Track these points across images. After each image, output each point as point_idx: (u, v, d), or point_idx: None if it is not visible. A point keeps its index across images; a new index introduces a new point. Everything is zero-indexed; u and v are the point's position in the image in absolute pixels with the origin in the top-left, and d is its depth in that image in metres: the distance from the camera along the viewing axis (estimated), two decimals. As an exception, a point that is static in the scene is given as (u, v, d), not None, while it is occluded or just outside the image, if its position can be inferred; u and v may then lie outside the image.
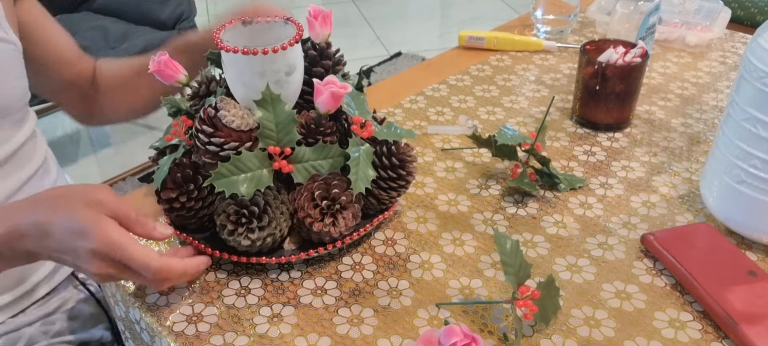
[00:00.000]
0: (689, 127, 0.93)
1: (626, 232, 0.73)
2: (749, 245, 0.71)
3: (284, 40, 0.65)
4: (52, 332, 0.88)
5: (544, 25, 1.20)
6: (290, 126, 0.64)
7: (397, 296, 0.65)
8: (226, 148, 0.63)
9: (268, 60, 0.64)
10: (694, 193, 0.80)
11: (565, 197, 0.79)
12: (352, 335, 0.61)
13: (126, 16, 2.13)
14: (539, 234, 0.73)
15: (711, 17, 1.18)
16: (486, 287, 0.66)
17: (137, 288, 0.67)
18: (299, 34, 0.66)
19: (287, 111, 0.65)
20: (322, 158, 0.67)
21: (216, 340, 0.61)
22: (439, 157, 0.87)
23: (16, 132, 0.83)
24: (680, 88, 1.04)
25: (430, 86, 1.05)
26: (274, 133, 0.64)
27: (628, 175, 0.83)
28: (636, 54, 0.89)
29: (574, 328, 0.62)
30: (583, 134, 0.92)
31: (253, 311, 0.63)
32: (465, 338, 0.54)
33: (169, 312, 0.64)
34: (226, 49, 0.63)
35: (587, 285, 0.66)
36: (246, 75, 0.65)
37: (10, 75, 0.81)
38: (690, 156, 0.87)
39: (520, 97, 1.02)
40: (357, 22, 3.42)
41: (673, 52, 1.16)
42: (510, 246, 0.59)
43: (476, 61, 1.13)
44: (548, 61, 1.14)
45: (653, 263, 0.69)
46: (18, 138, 0.83)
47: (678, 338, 0.60)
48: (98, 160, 2.34)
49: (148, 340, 0.66)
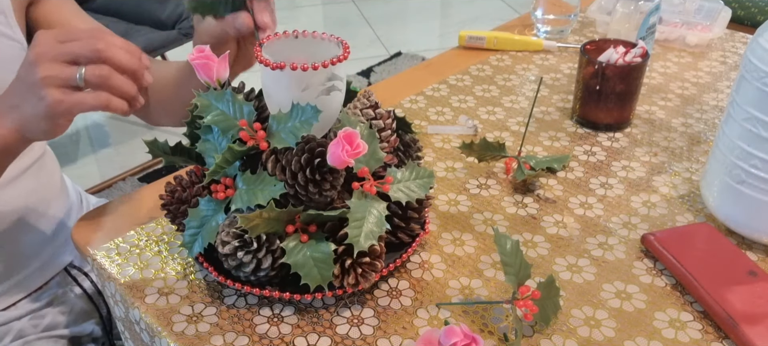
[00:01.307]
0: (689, 127, 0.93)
1: (626, 232, 0.73)
2: (749, 245, 0.71)
3: (327, 57, 0.61)
4: (43, 325, 0.88)
5: (544, 25, 1.20)
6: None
7: (397, 296, 0.65)
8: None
9: (310, 76, 0.60)
10: (694, 193, 0.80)
11: (565, 197, 0.79)
12: (352, 335, 0.61)
13: (126, 16, 2.13)
14: (539, 234, 0.73)
15: (711, 17, 1.18)
16: (486, 287, 0.66)
17: (137, 286, 0.67)
18: (346, 52, 0.63)
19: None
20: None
21: (216, 340, 0.61)
22: (439, 157, 0.86)
23: None
24: (680, 88, 1.04)
25: (430, 86, 1.05)
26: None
27: (629, 175, 0.83)
28: (636, 54, 0.89)
29: (575, 328, 0.61)
30: (584, 134, 0.92)
31: (253, 311, 0.63)
32: (465, 338, 0.54)
33: (169, 312, 0.64)
34: (271, 66, 0.60)
35: (587, 285, 0.66)
36: (293, 90, 0.61)
37: (14, 71, 0.80)
38: (690, 156, 0.87)
39: (520, 97, 1.02)
40: (357, 22, 3.43)
41: (674, 52, 1.16)
42: (510, 246, 0.59)
43: (476, 61, 1.13)
44: (548, 61, 1.14)
45: (653, 263, 0.69)
46: None
47: (678, 339, 0.60)
48: (98, 160, 2.34)
49: (148, 340, 0.65)
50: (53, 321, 0.89)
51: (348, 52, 0.63)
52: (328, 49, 0.65)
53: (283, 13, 3.57)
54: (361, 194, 0.61)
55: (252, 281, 0.63)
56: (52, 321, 0.89)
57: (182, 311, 0.64)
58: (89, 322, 0.93)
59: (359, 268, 0.61)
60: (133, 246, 0.72)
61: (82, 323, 0.92)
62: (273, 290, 0.62)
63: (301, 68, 0.60)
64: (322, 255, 0.60)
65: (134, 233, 0.74)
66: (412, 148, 0.72)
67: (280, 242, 0.61)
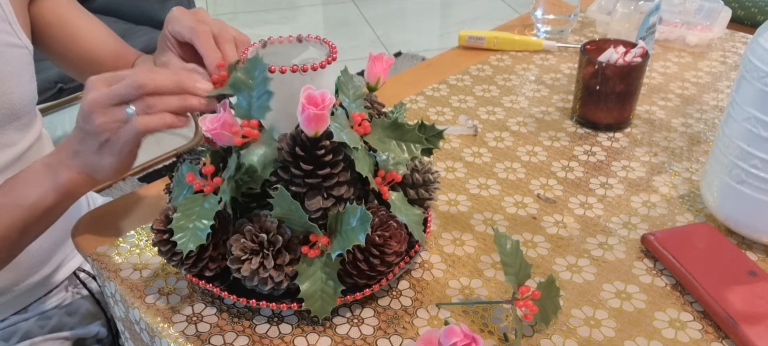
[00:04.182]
0: (689, 127, 0.93)
1: (626, 232, 0.73)
2: (749, 245, 0.71)
3: (312, 60, 0.60)
4: (49, 327, 0.88)
5: (544, 25, 1.20)
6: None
7: (397, 296, 0.65)
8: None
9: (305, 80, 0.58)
10: (694, 193, 0.80)
11: (565, 197, 0.79)
12: (352, 335, 0.61)
13: (125, 16, 2.12)
14: (539, 234, 0.73)
15: (711, 17, 1.18)
16: (486, 287, 0.66)
17: (137, 286, 0.67)
18: (333, 54, 0.61)
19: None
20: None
21: (216, 340, 0.61)
22: (439, 157, 0.86)
23: (25, 134, 0.84)
24: (680, 88, 1.04)
25: (430, 86, 1.05)
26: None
27: (629, 175, 0.83)
28: (636, 54, 0.89)
29: (575, 328, 0.61)
30: (584, 134, 0.92)
31: (253, 311, 0.63)
32: (465, 338, 0.54)
33: (169, 312, 0.64)
34: (279, 70, 0.59)
35: (587, 285, 0.66)
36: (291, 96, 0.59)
37: (23, 80, 0.81)
38: (690, 156, 0.87)
39: (520, 97, 1.02)
40: (357, 22, 3.43)
41: (674, 52, 1.16)
42: (510, 246, 0.59)
43: (476, 61, 1.13)
44: (548, 61, 1.14)
45: (653, 263, 0.69)
46: (26, 141, 0.83)
47: (678, 339, 0.60)
48: (98, 160, 2.34)
49: (147, 340, 0.65)
50: (59, 322, 0.89)
51: (335, 52, 0.61)
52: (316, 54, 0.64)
53: (284, 14, 3.57)
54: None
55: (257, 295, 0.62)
56: (59, 322, 0.89)
57: (182, 311, 0.64)
58: (95, 324, 0.93)
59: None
60: (133, 246, 0.72)
61: (87, 325, 0.92)
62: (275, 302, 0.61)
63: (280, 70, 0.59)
64: (331, 290, 0.59)
65: (134, 233, 0.74)
66: (430, 185, 0.68)
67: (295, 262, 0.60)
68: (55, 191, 0.67)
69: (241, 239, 0.59)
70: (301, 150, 0.57)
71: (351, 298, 0.61)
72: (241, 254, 0.58)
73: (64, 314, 0.90)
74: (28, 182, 0.68)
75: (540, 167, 0.84)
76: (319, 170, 0.58)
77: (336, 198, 0.59)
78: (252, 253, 0.58)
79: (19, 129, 0.82)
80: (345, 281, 0.60)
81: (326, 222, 0.59)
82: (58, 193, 0.67)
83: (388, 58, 0.70)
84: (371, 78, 0.70)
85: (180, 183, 0.63)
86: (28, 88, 0.82)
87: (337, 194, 0.59)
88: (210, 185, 0.60)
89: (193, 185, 0.60)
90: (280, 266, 0.58)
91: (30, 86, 0.83)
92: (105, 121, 0.62)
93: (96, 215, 0.78)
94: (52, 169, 0.67)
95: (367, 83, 0.70)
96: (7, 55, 0.78)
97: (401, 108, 0.71)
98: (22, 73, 0.80)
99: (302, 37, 0.65)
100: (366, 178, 0.60)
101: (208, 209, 0.58)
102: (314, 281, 0.59)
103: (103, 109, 0.62)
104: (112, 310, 0.73)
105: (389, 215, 0.61)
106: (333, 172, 0.58)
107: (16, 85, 0.79)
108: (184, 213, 0.58)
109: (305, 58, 0.64)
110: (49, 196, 0.67)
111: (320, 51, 0.64)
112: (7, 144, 0.81)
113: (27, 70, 0.82)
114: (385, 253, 0.60)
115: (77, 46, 0.87)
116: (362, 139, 0.61)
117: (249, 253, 0.58)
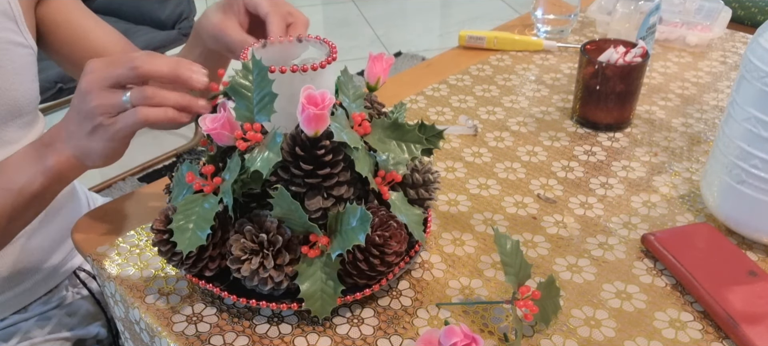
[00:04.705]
0: (690, 127, 0.93)
1: (626, 232, 0.73)
2: (749, 245, 0.71)
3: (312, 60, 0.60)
4: (49, 327, 0.88)
5: (544, 25, 1.20)
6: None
7: (397, 296, 0.65)
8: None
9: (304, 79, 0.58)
10: (694, 193, 0.80)
11: (565, 197, 0.79)
12: (352, 335, 0.61)
13: (126, 16, 2.13)
14: (539, 234, 0.73)
15: (711, 17, 1.18)
16: (486, 287, 0.66)
17: (137, 286, 0.67)
18: (333, 54, 0.61)
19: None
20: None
21: (216, 340, 0.61)
22: (439, 157, 0.86)
23: (27, 133, 0.84)
24: (681, 88, 1.04)
25: (430, 86, 1.05)
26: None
27: (629, 175, 0.83)
28: (636, 54, 0.89)
29: (575, 328, 0.61)
30: (584, 134, 0.92)
31: (253, 311, 0.63)
32: (465, 338, 0.54)
33: (169, 312, 0.64)
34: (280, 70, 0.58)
35: (587, 285, 0.66)
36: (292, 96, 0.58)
37: (26, 79, 0.81)
38: (690, 156, 0.87)
39: (521, 97, 1.02)
40: (357, 22, 3.43)
41: (674, 52, 1.16)
42: (510, 246, 0.59)
43: (476, 61, 1.13)
44: (548, 61, 1.14)
45: (654, 263, 0.69)
46: (27, 139, 0.84)
47: (678, 339, 0.60)
48: (98, 160, 2.34)
49: (147, 340, 0.65)
50: (60, 323, 0.89)
51: (335, 52, 0.61)
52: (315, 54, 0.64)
53: (283, 13, 3.56)
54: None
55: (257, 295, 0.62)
56: (59, 323, 0.89)
57: (182, 311, 0.64)
58: (95, 324, 0.93)
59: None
60: (133, 246, 0.72)
61: (87, 326, 0.92)
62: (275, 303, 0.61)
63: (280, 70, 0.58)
64: (331, 290, 0.59)
65: (134, 233, 0.74)
66: (430, 185, 0.68)
67: (295, 262, 0.59)
68: (42, 175, 0.66)
69: (241, 239, 0.59)
70: (301, 150, 0.57)
71: (351, 298, 0.61)
72: (241, 254, 0.58)
73: (64, 314, 0.90)
74: (16, 166, 0.67)
75: (540, 167, 0.84)
76: (319, 170, 0.58)
77: (336, 198, 0.59)
78: (252, 253, 0.58)
79: (21, 127, 0.83)
80: (345, 281, 0.60)
81: (326, 222, 0.59)
82: (45, 176, 0.66)
83: (388, 58, 0.70)
84: (371, 78, 0.70)
85: (180, 183, 0.63)
86: (31, 87, 0.83)
87: (337, 194, 0.59)
88: (210, 185, 0.60)
89: (193, 185, 0.60)
90: (280, 266, 0.58)
91: (33, 86, 0.83)
92: (100, 103, 0.61)
93: (96, 215, 0.78)
94: (40, 152, 0.66)
95: (367, 83, 0.70)
96: (12, 54, 0.79)
97: (401, 108, 0.71)
98: (25, 72, 0.81)
99: (302, 37, 0.65)
100: (366, 178, 0.59)
101: (208, 209, 0.58)
102: (314, 281, 0.59)
103: (100, 91, 0.61)
104: (112, 310, 0.73)
105: (389, 215, 0.61)
106: (333, 172, 0.58)
107: (19, 83, 0.79)
108: (184, 213, 0.58)
109: (305, 58, 0.64)
110: (37, 179, 0.66)
111: (320, 51, 0.64)
112: (9, 142, 0.81)
113: (30, 69, 0.82)
114: (385, 253, 0.60)
115: (84, 46, 0.87)
116: (362, 139, 0.61)
117: (249, 253, 0.58)
